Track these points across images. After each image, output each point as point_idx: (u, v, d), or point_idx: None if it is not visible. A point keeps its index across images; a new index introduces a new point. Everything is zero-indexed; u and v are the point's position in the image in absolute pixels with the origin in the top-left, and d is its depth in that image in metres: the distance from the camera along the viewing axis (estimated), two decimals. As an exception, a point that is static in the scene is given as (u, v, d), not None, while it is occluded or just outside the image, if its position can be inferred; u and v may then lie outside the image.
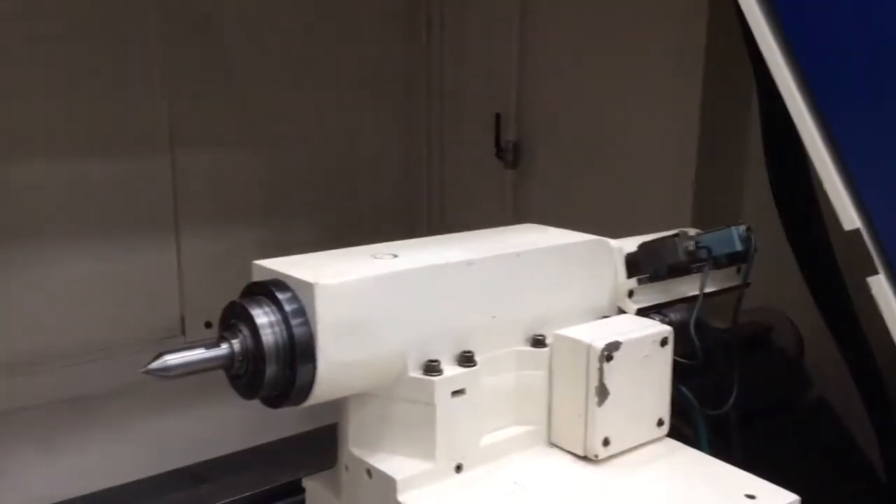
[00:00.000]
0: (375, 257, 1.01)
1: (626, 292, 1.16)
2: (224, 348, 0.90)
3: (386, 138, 2.55)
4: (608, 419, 1.01)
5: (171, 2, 2.05)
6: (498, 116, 2.35)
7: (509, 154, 2.36)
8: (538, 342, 1.06)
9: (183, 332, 2.17)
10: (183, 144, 2.13)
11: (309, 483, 1.07)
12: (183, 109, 2.11)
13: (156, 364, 0.86)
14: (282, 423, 1.93)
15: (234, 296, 0.96)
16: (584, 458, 1.02)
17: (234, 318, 0.93)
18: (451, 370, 0.97)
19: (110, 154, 2.00)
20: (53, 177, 1.93)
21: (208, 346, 0.91)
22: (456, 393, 0.97)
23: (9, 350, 1.84)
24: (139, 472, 1.82)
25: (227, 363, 0.90)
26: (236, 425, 1.83)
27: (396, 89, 2.54)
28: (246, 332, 0.91)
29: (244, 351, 0.90)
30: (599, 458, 1.01)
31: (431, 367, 0.96)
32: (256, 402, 0.96)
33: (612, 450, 1.02)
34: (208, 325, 2.17)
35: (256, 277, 0.98)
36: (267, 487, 1.64)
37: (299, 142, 2.33)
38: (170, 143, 2.11)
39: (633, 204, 1.97)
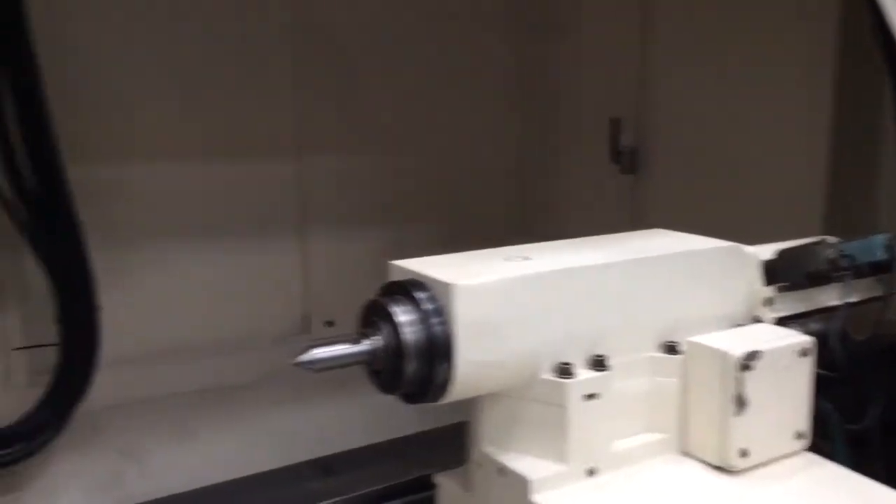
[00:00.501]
0: (508, 259, 1.02)
1: (762, 300, 1.13)
2: (368, 344, 0.93)
3: (500, 142, 2.56)
4: (745, 430, 0.99)
5: (299, 12, 2.12)
6: (615, 120, 2.33)
7: (626, 159, 2.33)
8: (671, 349, 1.04)
9: (306, 330, 2.23)
10: (308, 149, 2.20)
11: (441, 479, 1.09)
12: (308, 115, 2.18)
13: (305, 357, 0.90)
14: (409, 420, 1.96)
15: (355, 296, 0.99)
16: (720, 469, 1.00)
17: (375, 316, 0.95)
18: (583, 374, 0.97)
19: (241, 158, 2.09)
20: (189, 179, 2.02)
21: (351, 342, 0.94)
22: (588, 397, 0.96)
23: (147, 342, 1.95)
24: (271, 463, 1.88)
25: (370, 359, 0.93)
26: (364, 419, 1.88)
27: (511, 92, 2.55)
28: (387, 329, 0.93)
29: (385, 348, 0.93)
30: (736, 469, 0.99)
31: (564, 370, 0.97)
32: (384, 398, 0.98)
33: (749, 462, 1.00)
34: (329, 323, 2.24)
35: (392, 277, 1.00)
36: (396, 482, 1.67)
37: (417, 146, 2.37)
38: (296, 147, 2.18)
39: (757, 211, 1.91)
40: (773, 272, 1.12)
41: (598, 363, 0.99)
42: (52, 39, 1.63)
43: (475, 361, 0.93)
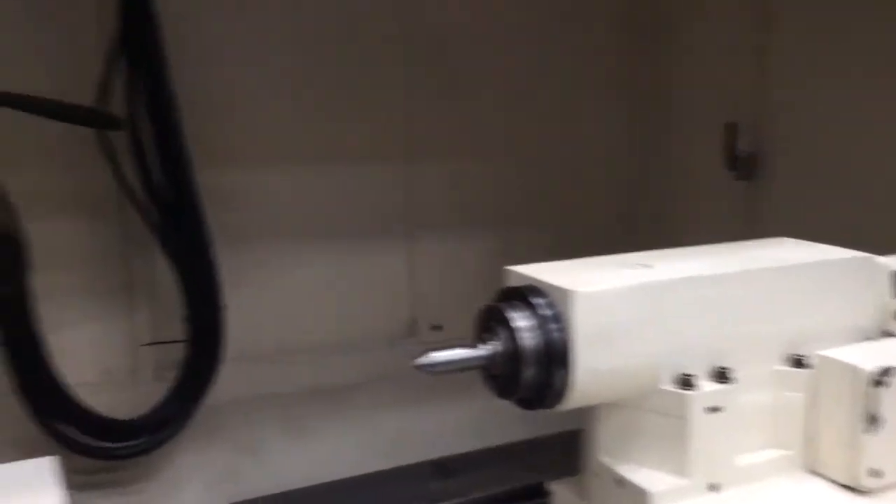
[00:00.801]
0: (627, 267, 1.01)
1: (893, 313, 1.08)
2: (485, 349, 0.93)
3: (610, 147, 2.52)
4: (878, 449, 0.94)
5: (409, 18, 2.15)
6: (730, 125, 2.26)
7: (743, 164, 2.25)
8: (798, 362, 1.01)
9: (413, 334, 2.26)
10: (417, 153, 2.22)
11: (556, 487, 1.08)
12: (417, 120, 2.20)
13: (424, 359, 0.91)
14: (523, 425, 1.96)
15: (461, 300, 1.00)
16: (849, 489, 0.96)
17: (492, 321, 0.96)
18: (706, 385, 0.95)
19: (353, 162, 2.14)
20: (304, 183, 2.08)
21: (468, 346, 0.95)
22: (711, 409, 0.94)
23: (262, 341, 2.01)
24: (385, 462, 1.92)
25: (488, 363, 0.93)
26: (477, 423, 1.88)
27: (621, 96, 2.51)
28: (504, 334, 0.93)
29: (503, 353, 0.93)
30: (867, 489, 0.95)
31: (686, 381, 0.95)
32: (493, 402, 0.99)
33: (881, 482, 0.95)
34: (436, 327, 2.25)
35: (507, 282, 1.01)
36: (510, 487, 1.67)
37: (525, 152, 2.36)
38: (405, 151, 2.21)
39: (883, 219, 1.82)
40: (908, 284, 1.07)
41: (722, 375, 0.96)
42: (180, 46, 1.71)
43: (593, 369, 0.92)
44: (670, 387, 0.95)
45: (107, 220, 1.81)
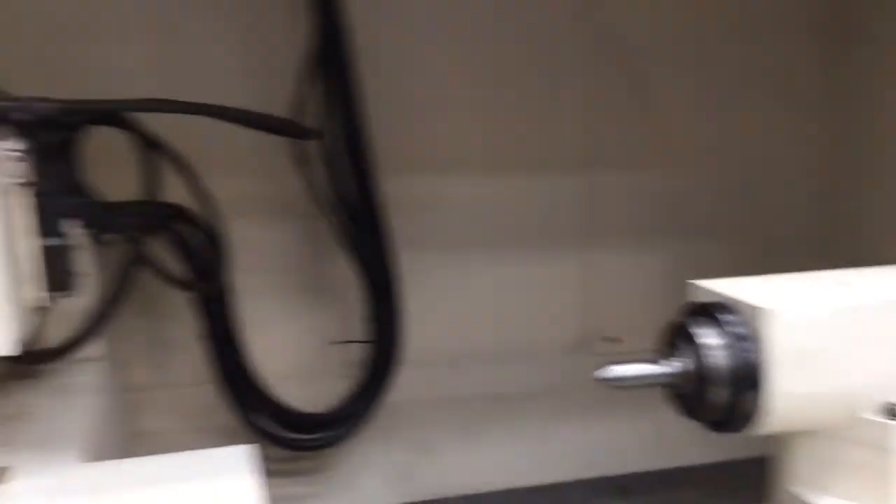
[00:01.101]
0: (825, 285, 0.95)
1: None
2: (670, 366, 0.91)
3: (803, 157, 2.38)
4: None
5: (593, 23, 2.12)
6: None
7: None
8: None
9: (587, 345, 2.23)
10: (597, 162, 2.20)
11: (741, 514, 1.04)
12: (598, 128, 2.18)
13: (605, 373, 0.90)
14: (704, 447, 1.90)
15: (640, 313, 0.97)
16: None
17: (677, 337, 0.93)
18: (916, 417, 0.88)
19: (533, 171, 2.14)
20: (483, 191, 2.11)
21: (651, 362, 0.93)
22: (921, 443, 0.87)
23: (440, 345, 2.05)
24: (558, 475, 1.91)
25: (672, 381, 0.91)
26: (651, 441, 1.83)
27: (816, 104, 2.37)
28: (690, 352, 0.91)
29: (689, 371, 0.91)
30: None
31: (891, 411, 0.88)
32: (673, 421, 0.96)
33: None
34: (612, 339, 2.22)
35: (694, 297, 0.98)
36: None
37: (710, 162, 2.28)
38: (586, 161, 2.19)
39: None
40: None
41: (933, 407, 0.89)
42: (370, 59, 1.79)
43: (788, 394, 0.87)
44: (873, 416, 0.89)
45: (297, 224, 1.92)
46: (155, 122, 1.51)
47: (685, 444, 1.79)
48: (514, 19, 2.05)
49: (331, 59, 1.74)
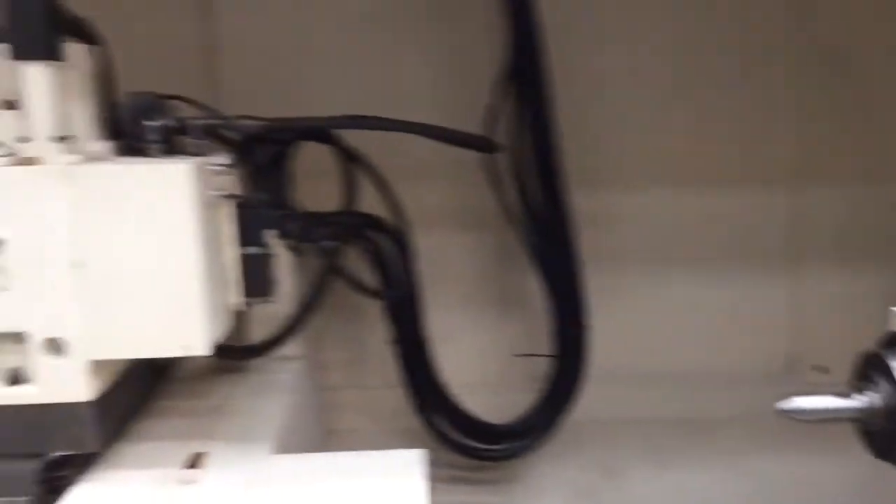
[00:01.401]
0: None
1: None
2: (859, 400, 0.84)
3: None
4: None
5: (806, 35, 2.00)
6: None
7: None
8: None
9: (792, 372, 2.09)
10: (809, 179, 2.06)
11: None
12: (811, 143, 2.04)
13: (787, 404, 0.85)
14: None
15: (853, 341, 0.89)
16: None
17: (872, 369, 0.85)
18: None
19: (734, 186, 2.04)
20: (679, 206, 2.04)
21: (841, 394, 0.85)
22: None
23: (628, 364, 2.00)
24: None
25: (862, 416, 0.83)
26: (857, 483, 1.68)
27: None
28: (885, 385, 0.83)
29: (876, 407, 0.82)
30: None
31: None
32: (880, 465, 0.87)
33: None
34: (821, 368, 2.06)
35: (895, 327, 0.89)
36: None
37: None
38: (794, 177, 2.06)
39: None
40: None
41: None
42: (562, 76, 1.79)
43: None
44: None
45: (487, 237, 1.95)
46: (353, 136, 1.60)
47: (888, 487, 1.62)
48: (720, 31, 1.97)
49: (524, 73, 1.76)
